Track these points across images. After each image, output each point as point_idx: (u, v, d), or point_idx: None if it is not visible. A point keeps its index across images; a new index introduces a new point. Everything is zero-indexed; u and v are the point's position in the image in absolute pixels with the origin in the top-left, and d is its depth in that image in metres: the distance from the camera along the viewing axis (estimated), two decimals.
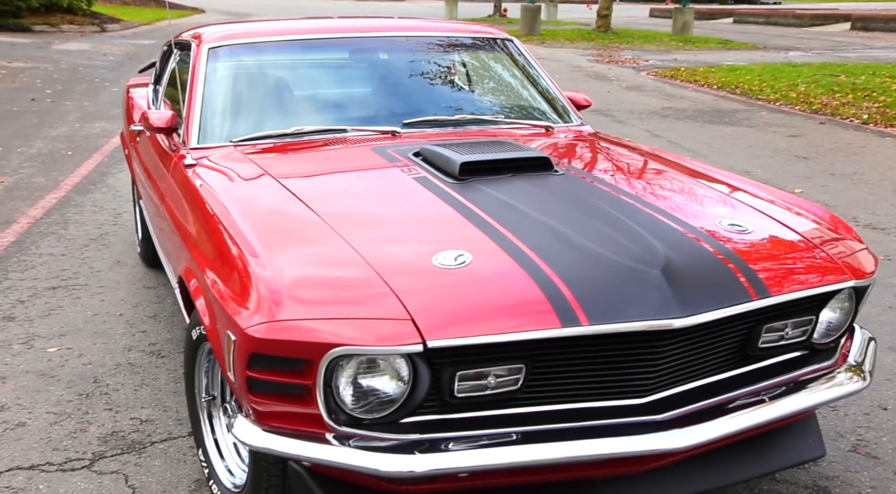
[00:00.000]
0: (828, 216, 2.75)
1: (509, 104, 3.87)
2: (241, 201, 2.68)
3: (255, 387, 2.11)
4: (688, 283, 2.16)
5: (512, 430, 2.14)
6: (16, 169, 7.38)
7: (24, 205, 6.25)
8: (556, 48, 20.84)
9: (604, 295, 2.10)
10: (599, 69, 16.13)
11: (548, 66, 16.35)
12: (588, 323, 2.04)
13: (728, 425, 2.21)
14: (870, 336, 2.66)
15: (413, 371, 2.05)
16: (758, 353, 2.34)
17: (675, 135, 9.27)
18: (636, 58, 18.56)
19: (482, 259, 2.22)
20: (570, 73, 15.25)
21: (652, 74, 15.30)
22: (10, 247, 5.32)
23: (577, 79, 14.45)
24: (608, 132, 8.98)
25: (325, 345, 1.97)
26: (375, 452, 2.05)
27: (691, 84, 13.96)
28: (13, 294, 4.53)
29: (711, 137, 9.18)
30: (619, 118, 10.32)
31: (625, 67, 16.60)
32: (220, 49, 3.58)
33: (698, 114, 10.71)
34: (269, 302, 2.09)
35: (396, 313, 2.02)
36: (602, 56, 18.91)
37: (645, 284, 2.12)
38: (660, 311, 2.07)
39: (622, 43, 22.54)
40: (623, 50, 20.64)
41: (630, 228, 2.35)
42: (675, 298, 2.10)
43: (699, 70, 15.35)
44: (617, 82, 14.08)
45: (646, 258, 2.19)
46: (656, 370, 2.17)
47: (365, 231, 2.42)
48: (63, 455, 3.02)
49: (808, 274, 2.34)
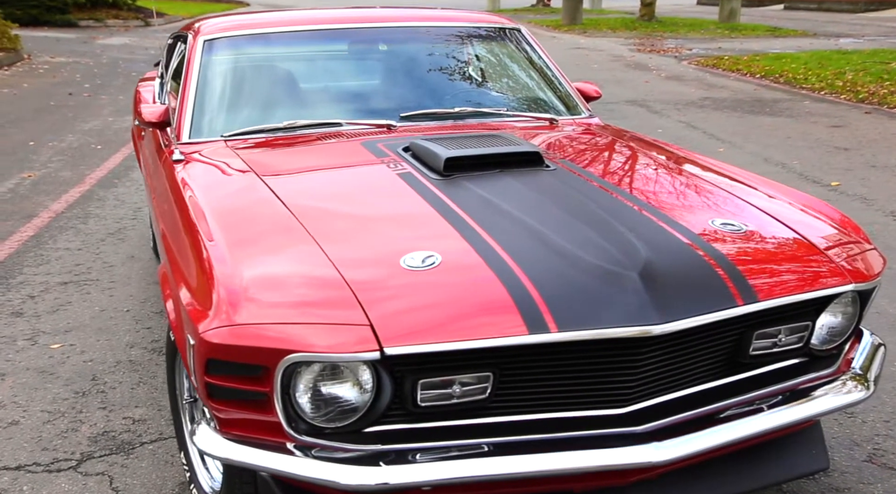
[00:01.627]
0: (837, 216, 2.59)
1: (513, 96, 3.74)
2: (217, 199, 2.61)
3: (214, 394, 2.04)
4: (668, 287, 2.03)
5: (482, 441, 2.04)
6: (44, 163, 7.44)
7: (48, 199, 6.28)
8: (597, 37, 20.52)
9: (576, 300, 1.98)
10: (640, 59, 15.84)
11: (587, 57, 16.13)
12: (557, 330, 1.92)
13: (714, 438, 2.07)
14: (879, 341, 2.49)
15: (376, 378, 1.96)
16: (749, 361, 2.19)
17: (711, 126, 9.03)
18: (679, 47, 18.20)
19: (452, 260, 2.11)
20: (609, 63, 14.99)
21: (693, 64, 14.97)
22: (29, 241, 5.34)
23: (615, 69, 14.20)
24: (642, 123, 8.80)
25: (281, 351, 1.89)
26: (336, 463, 1.96)
27: (733, 73, 13.63)
28: (25, 289, 4.53)
29: (749, 128, 8.92)
30: (654, 109, 10.09)
31: (666, 57, 16.28)
32: (216, 41, 3.51)
33: (737, 105, 10.43)
34: (227, 305, 2.01)
35: (356, 318, 1.92)
36: (644, 45, 18.57)
37: (621, 288, 2.00)
38: (635, 317, 1.95)
39: (666, 31, 22.12)
40: (666, 39, 20.26)
41: (613, 228, 2.22)
42: (652, 303, 1.97)
43: (743, 58, 14.98)
44: (656, 72, 13.80)
45: (623, 261, 2.06)
46: (636, 379, 2.05)
47: (337, 231, 2.33)
48: (51, 456, 2.98)
49: (802, 278, 2.19)
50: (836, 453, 2.96)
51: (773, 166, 7.24)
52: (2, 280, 4.66)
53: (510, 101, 3.66)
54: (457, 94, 3.58)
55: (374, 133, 3.18)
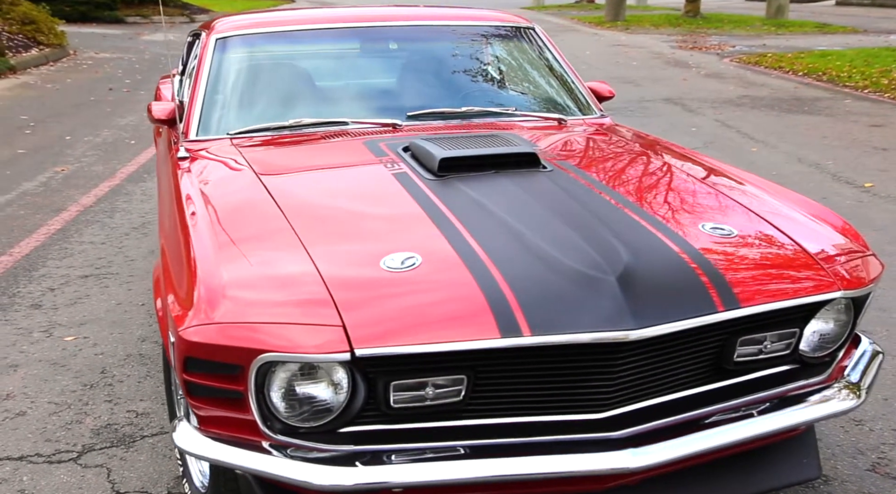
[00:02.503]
0: (839, 223, 2.53)
1: (523, 95, 3.72)
2: (213, 198, 2.62)
3: (193, 391, 2.06)
4: (647, 292, 1.99)
5: (458, 444, 2.03)
6: (78, 157, 7.57)
7: (78, 193, 6.39)
8: (639, 34, 20.29)
9: (551, 304, 1.96)
10: (680, 56, 15.63)
11: (626, 54, 15.96)
12: (530, 334, 1.91)
13: (693, 444, 2.04)
14: (876, 349, 2.43)
15: (351, 379, 1.95)
16: (734, 368, 2.15)
17: (745, 125, 8.88)
18: (722, 44, 17.91)
19: (432, 262, 2.11)
20: (649, 61, 14.82)
21: (735, 61, 14.73)
22: (55, 234, 5.43)
23: (654, 66, 14.03)
24: (675, 122, 8.70)
25: (254, 351, 1.90)
26: (310, 463, 1.97)
27: (775, 71, 13.38)
28: (46, 281, 4.61)
29: (785, 127, 8.75)
30: (689, 107, 9.95)
31: (708, 54, 16.04)
32: (228, 40, 3.54)
33: (776, 103, 10.24)
34: (205, 304, 2.03)
35: (329, 319, 1.93)
36: (686, 42, 18.32)
37: (598, 293, 1.97)
38: (610, 322, 1.92)
39: (710, 28, 21.78)
40: (710, 36, 19.95)
41: (598, 232, 2.19)
42: (629, 308, 1.94)
43: (787, 56, 14.69)
44: (696, 69, 13.61)
45: (603, 265, 2.03)
46: (613, 384, 2.02)
47: (324, 231, 2.33)
48: (53, 447, 3.03)
49: (788, 284, 2.14)
50: (840, 461, 2.90)
51: (806, 166, 7.10)
52: (25, 272, 4.76)
53: (519, 101, 3.63)
54: (465, 94, 3.56)
55: (380, 132, 3.18)
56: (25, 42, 14.24)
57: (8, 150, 7.74)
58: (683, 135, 8.30)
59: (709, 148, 7.75)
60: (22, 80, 12.03)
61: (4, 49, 13.12)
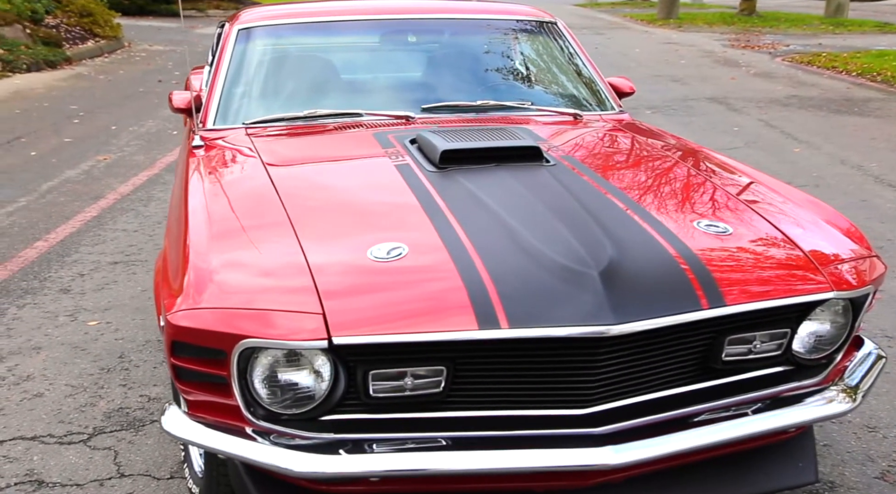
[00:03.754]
0: (844, 224, 2.47)
1: (540, 90, 3.69)
2: (216, 186, 2.66)
3: (181, 375, 2.09)
4: (630, 288, 1.97)
5: (440, 435, 2.03)
6: (121, 147, 7.72)
7: (117, 181, 6.53)
8: (691, 33, 20.00)
9: (531, 297, 1.95)
10: (731, 55, 15.37)
11: (678, 52, 15.75)
12: (508, 327, 1.90)
13: (676, 443, 2.02)
14: (880, 352, 2.37)
15: (334, 367, 1.97)
16: (722, 367, 2.11)
17: (790, 125, 8.70)
18: (776, 42, 17.58)
19: (418, 253, 2.11)
20: (698, 59, 14.61)
21: (787, 60, 14.44)
22: (91, 221, 5.56)
23: (703, 65, 13.83)
24: (717, 121, 8.58)
25: (235, 336, 1.93)
26: (291, 450, 1.99)
27: (828, 71, 13.09)
28: (76, 267, 4.72)
29: (831, 128, 8.56)
30: (734, 106, 9.79)
31: (760, 53, 15.76)
32: (250, 30, 3.58)
33: (824, 104, 10.02)
34: (193, 289, 2.06)
35: (310, 307, 1.94)
36: (739, 41, 18.02)
37: (580, 287, 1.95)
38: (590, 317, 1.90)
39: (765, 27, 21.39)
40: (764, 34, 19.60)
41: (589, 227, 2.17)
42: (609, 304, 1.92)
43: (841, 55, 14.36)
44: (746, 68, 13.38)
45: (586, 259, 2.01)
46: (595, 379, 2.00)
47: (318, 221, 2.35)
48: (66, 428, 3.11)
49: (778, 283, 2.09)
50: (848, 467, 2.83)
51: (848, 168, 6.93)
52: (58, 257, 4.87)
53: (537, 95, 3.61)
54: (482, 87, 3.55)
55: (393, 124, 3.19)
56: (82, 34, 14.58)
57: (56, 139, 7.93)
58: (724, 134, 8.17)
59: (749, 148, 7.63)
60: (76, 71, 12.32)
61: (62, 40, 13.44)
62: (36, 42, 12.72)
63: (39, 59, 12.06)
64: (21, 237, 5.23)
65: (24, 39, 12.60)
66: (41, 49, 12.46)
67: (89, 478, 2.82)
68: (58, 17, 14.52)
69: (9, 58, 11.72)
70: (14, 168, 6.88)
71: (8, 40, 12.27)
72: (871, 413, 3.18)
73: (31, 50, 12.25)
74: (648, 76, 12.26)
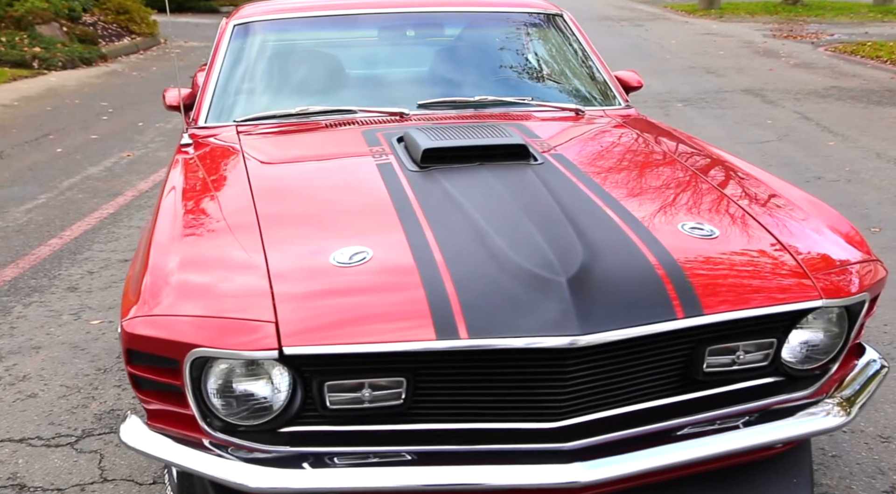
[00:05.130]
0: (845, 227, 2.32)
1: (543, 85, 3.57)
2: (192, 186, 2.61)
3: (139, 384, 2.04)
4: (600, 296, 1.86)
5: (404, 449, 1.94)
6: (146, 143, 7.75)
7: (137, 178, 6.54)
8: (733, 23, 19.58)
9: (494, 306, 1.85)
10: (772, 45, 15.01)
11: (716, 43, 15.42)
12: (468, 337, 1.80)
13: (651, 460, 1.91)
14: (882, 363, 2.22)
15: (291, 378, 1.89)
16: (704, 379, 1.99)
17: (827, 117, 8.43)
18: (820, 32, 17.14)
19: (382, 258, 2.02)
20: (737, 50, 14.28)
21: (830, 50, 14.05)
22: (107, 219, 5.56)
23: (741, 55, 13.51)
24: (750, 113, 8.35)
25: (187, 345, 1.86)
26: (248, 464, 1.91)
27: (872, 61, 12.70)
28: (87, 264, 4.72)
29: (869, 121, 8.28)
30: (770, 98, 9.52)
31: (802, 43, 15.36)
32: (244, 26, 3.52)
33: (864, 95, 9.70)
34: (148, 296, 2.00)
35: (264, 315, 1.87)
36: (781, 31, 17.59)
37: (545, 295, 1.85)
38: (554, 327, 1.80)
39: (810, 16, 20.87)
40: (808, 24, 19.11)
41: (564, 230, 2.06)
42: (576, 313, 1.81)
43: (887, 45, 13.92)
44: (786, 59, 13.04)
45: (555, 265, 1.90)
46: (565, 392, 1.90)
47: (288, 224, 2.28)
48: (54, 431, 3.08)
49: (762, 291, 1.96)
50: (856, 480, 2.69)
51: (884, 162, 6.69)
52: (70, 255, 4.87)
53: (539, 90, 3.49)
54: (481, 82, 3.45)
55: (386, 121, 3.10)
56: (119, 31, 14.72)
57: (83, 136, 7.98)
58: (756, 127, 7.95)
59: (781, 141, 7.40)
60: (111, 68, 12.43)
61: (97, 38, 13.58)
62: (72, 40, 12.86)
63: (75, 57, 12.19)
64: (37, 234, 5.24)
65: (60, 37, 12.75)
66: (77, 46, 12.59)
67: (72, 483, 2.78)
68: (95, 15, 14.67)
69: (45, 55, 11.86)
70: (39, 165, 6.93)
71: (45, 38, 12.43)
72: (886, 422, 3.03)
73: (67, 47, 12.39)
74: (683, 68, 12.02)
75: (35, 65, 11.66)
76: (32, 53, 11.86)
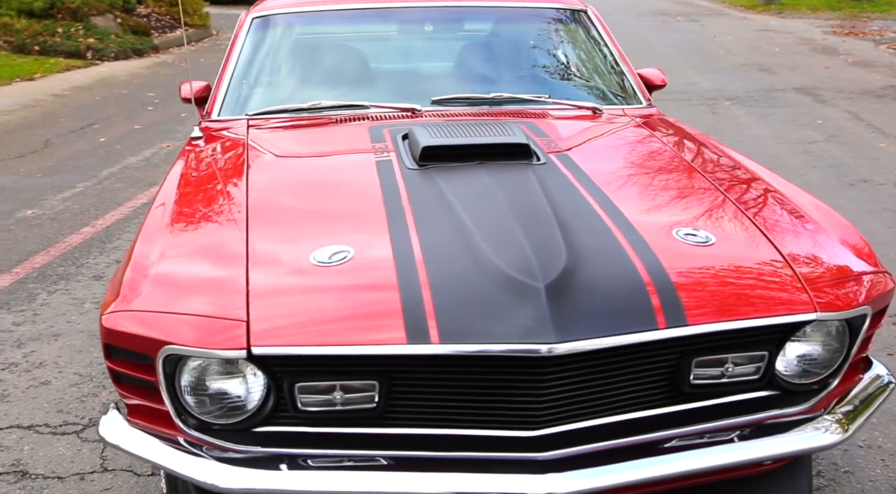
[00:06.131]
0: (854, 237, 2.21)
1: (561, 82, 3.49)
2: (189, 180, 2.61)
3: (118, 378, 2.04)
4: (579, 303, 1.80)
5: (378, 453, 1.91)
6: (186, 134, 7.71)
7: None
8: (793, 19, 19.11)
9: (468, 311, 1.80)
10: (831, 42, 14.59)
11: (773, 40, 15.05)
12: (439, 342, 1.76)
13: (631, 472, 1.84)
14: (889, 378, 2.12)
15: (266, 378, 1.86)
16: (691, 391, 1.91)
17: (881, 118, 8.16)
18: (883, 29, 16.61)
19: (362, 258, 1.98)
20: (794, 47, 13.92)
21: (893, 48, 13.61)
22: (140, 208, 5.62)
23: (798, 53, 13.17)
24: (799, 113, 8.13)
25: (159, 342, 1.84)
26: (220, 463, 1.90)
27: None
28: (115, 254, 4.77)
29: None
30: (822, 97, 9.25)
31: (863, 40, 14.91)
32: (262, 19, 3.52)
33: None
34: (127, 290, 2.00)
35: (236, 314, 1.85)
36: (843, 27, 17.09)
37: (522, 300, 1.79)
38: (528, 334, 1.74)
39: (875, 12, 20.25)
40: (872, 20, 18.55)
41: (551, 235, 1.99)
42: (552, 320, 1.75)
43: None
44: (844, 57, 12.66)
45: (534, 270, 1.84)
46: (543, 400, 1.83)
47: (275, 222, 2.25)
48: (62, 418, 3.11)
49: (754, 302, 1.87)
50: None
51: None
52: (100, 244, 4.94)
53: (557, 88, 3.40)
54: (497, 79, 3.39)
55: (397, 117, 3.06)
56: (171, 23, 14.91)
57: (126, 126, 8.10)
58: (804, 128, 7.73)
59: (829, 142, 7.18)
60: (161, 59, 12.60)
61: (150, 29, 13.79)
62: (125, 31, 13.08)
63: (127, 48, 12.38)
64: (70, 222, 5.33)
65: (114, 28, 12.97)
66: (129, 38, 12.80)
67: (72, 471, 2.81)
68: (149, 7, 14.90)
69: (98, 46, 12.07)
70: (81, 154, 7.04)
71: (99, 29, 12.65)
72: None
73: (119, 38, 12.60)
74: (735, 65, 11.75)
75: (88, 55, 11.88)
76: (86, 44, 12.08)
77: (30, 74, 10.55)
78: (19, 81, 10.23)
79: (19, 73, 10.51)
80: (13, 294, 4.23)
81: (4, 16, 12.41)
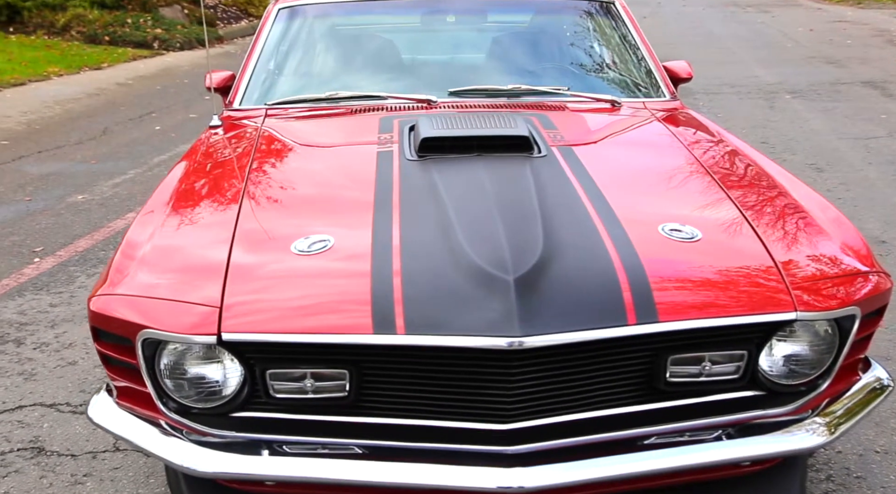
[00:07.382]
0: (851, 233, 2.14)
1: (582, 74, 3.43)
2: (194, 168, 2.65)
3: (106, 360, 2.09)
4: (548, 298, 1.78)
5: (352, 442, 1.93)
6: None
7: None
8: (871, 10, 18.47)
9: (435, 302, 1.80)
10: None
11: (846, 31, 14.59)
12: (404, 333, 1.76)
13: (599, 469, 1.83)
14: (886, 381, 2.04)
15: (242, 364, 1.90)
16: (667, 389, 1.87)
17: None
18: None
19: (341, 247, 2.00)
20: (868, 39, 13.46)
21: None
22: None
23: (871, 45, 12.73)
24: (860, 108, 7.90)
25: (136, 325, 1.89)
26: (196, 446, 1.96)
27: None
28: None
29: None
30: (890, 91, 8.93)
31: None
32: (288, 10, 3.55)
33: None
34: (113, 274, 2.05)
35: (211, 300, 1.88)
36: None
37: (490, 293, 1.78)
38: (494, 327, 1.73)
39: None
40: None
41: (531, 228, 1.97)
42: (518, 313, 1.74)
43: None
44: None
45: (506, 263, 1.82)
46: (511, 394, 1.82)
47: (268, 210, 2.29)
48: (84, 398, 3.21)
49: (731, 300, 1.83)
50: None
51: None
52: None
53: (577, 80, 3.35)
54: (517, 71, 3.35)
55: (412, 108, 3.06)
56: (237, 14, 15.19)
57: (182, 115, 8.29)
58: (867, 122, 7.47)
59: (891, 137, 6.94)
60: (225, 50, 12.83)
61: (216, 20, 14.06)
62: (192, 22, 13.36)
63: (192, 38, 12.66)
64: (117, 208, 5.48)
65: (181, 19, 13.26)
66: (195, 28, 13.07)
67: (86, 450, 2.89)
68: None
69: (165, 37, 12.37)
70: (136, 141, 7.23)
71: (166, 20, 12.96)
72: None
73: (186, 29, 12.88)
74: (802, 57, 11.42)
75: (155, 45, 12.19)
76: (154, 34, 12.39)
77: (98, 64, 10.88)
78: (87, 70, 10.56)
79: (88, 63, 10.85)
80: (54, 276, 4.37)
81: (78, 7, 12.80)
